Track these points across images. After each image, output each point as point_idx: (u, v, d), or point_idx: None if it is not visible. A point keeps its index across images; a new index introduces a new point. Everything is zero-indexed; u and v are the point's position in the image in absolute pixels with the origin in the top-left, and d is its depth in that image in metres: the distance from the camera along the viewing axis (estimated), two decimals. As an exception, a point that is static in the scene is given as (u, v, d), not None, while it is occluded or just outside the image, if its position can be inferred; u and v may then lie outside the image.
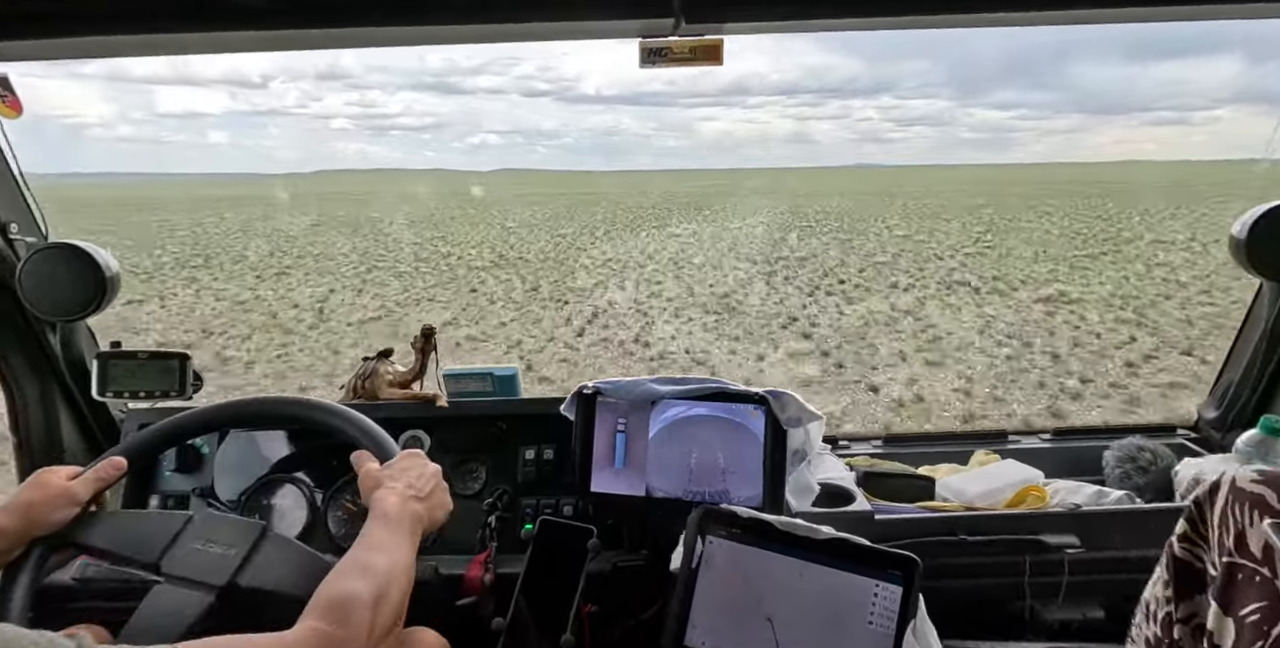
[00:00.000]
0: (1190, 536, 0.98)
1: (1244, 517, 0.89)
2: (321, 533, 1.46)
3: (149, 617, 0.92)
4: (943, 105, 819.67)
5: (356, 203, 32.65)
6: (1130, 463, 1.60)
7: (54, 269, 1.41)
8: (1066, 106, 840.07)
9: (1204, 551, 0.97)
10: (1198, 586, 0.97)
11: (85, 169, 48.28)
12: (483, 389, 1.61)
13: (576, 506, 1.46)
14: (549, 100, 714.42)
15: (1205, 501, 0.97)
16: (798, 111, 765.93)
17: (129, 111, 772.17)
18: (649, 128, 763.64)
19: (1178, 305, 9.46)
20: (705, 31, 1.16)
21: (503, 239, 18.37)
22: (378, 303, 10.76)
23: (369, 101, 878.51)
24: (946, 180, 60.61)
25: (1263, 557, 0.86)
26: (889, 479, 1.56)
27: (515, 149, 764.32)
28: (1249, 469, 0.93)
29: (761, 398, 1.30)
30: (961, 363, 7.24)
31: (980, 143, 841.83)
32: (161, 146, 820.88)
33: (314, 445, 1.53)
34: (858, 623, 1.05)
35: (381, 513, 0.93)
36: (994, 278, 11.64)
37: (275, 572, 0.96)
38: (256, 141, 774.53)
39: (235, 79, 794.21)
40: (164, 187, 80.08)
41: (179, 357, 1.53)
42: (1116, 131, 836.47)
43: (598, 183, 69.67)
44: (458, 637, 1.25)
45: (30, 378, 1.52)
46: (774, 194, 39.43)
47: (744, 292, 10.90)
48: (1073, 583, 1.36)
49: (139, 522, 1.03)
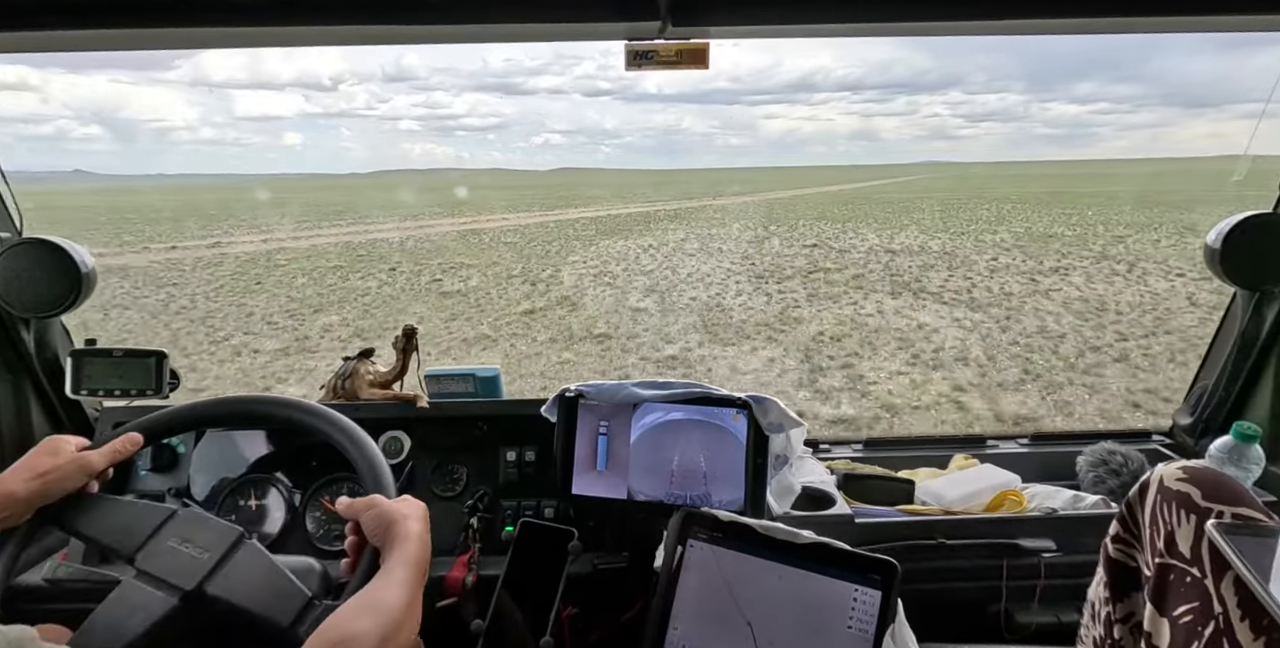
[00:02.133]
0: (1123, 536, 0.99)
1: (1172, 516, 0.90)
2: (300, 533, 1.45)
3: (112, 611, 0.91)
4: (1015, 99, 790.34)
5: (327, 213, 31.37)
6: (1102, 467, 1.63)
7: (28, 265, 1.39)
8: (1151, 100, 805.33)
9: (1137, 551, 0.98)
10: (1133, 585, 0.98)
11: (169, 170, 47.22)
12: (464, 390, 1.60)
13: (557, 508, 1.46)
14: (610, 99, 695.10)
15: (1136, 500, 0.97)
16: (863, 108, 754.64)
17: (210, 115, 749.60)
18: (711, 126, 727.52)
19: None
20: (691, 35, 1.17)
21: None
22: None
23: (434, 103, 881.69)
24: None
25: (1192, 557, 0.87)
26: (869, 482, 1.57)
27: (579, 149, 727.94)
28: (1175, 467, 0.94)
29: (744, 403, 1.30)
30: None
31: (1058, 138, 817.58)
32: (245, 149, 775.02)
33: (293, 446, 1.52)
34: (837, 627, 1.05)
35: (403, 552, 0.87)
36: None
37: (243, 585, 0.94)
38: (333, 143, 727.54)
39: (308, 82, 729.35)
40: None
41: (156, 355, 1.51)
42: (1205, 125, 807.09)
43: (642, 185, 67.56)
44: (437, 640, 1.24)
45: (3, 375, 1.50)
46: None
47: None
48: (1048, 587, 1.37)
49: (124, 510, 1.02)
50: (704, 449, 1.30)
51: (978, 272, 11.84)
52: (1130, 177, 60.58)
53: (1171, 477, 0.92)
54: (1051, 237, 16.51)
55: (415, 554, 0.87)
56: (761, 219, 23.52)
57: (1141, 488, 0.97)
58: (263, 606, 0.92)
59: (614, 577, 1.36)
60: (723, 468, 1.30)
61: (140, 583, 0.93)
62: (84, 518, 1.00)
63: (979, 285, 10.64)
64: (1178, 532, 0.89)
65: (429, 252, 15.81)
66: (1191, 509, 0.88)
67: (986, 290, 10.28)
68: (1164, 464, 0.96)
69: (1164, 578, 0.90)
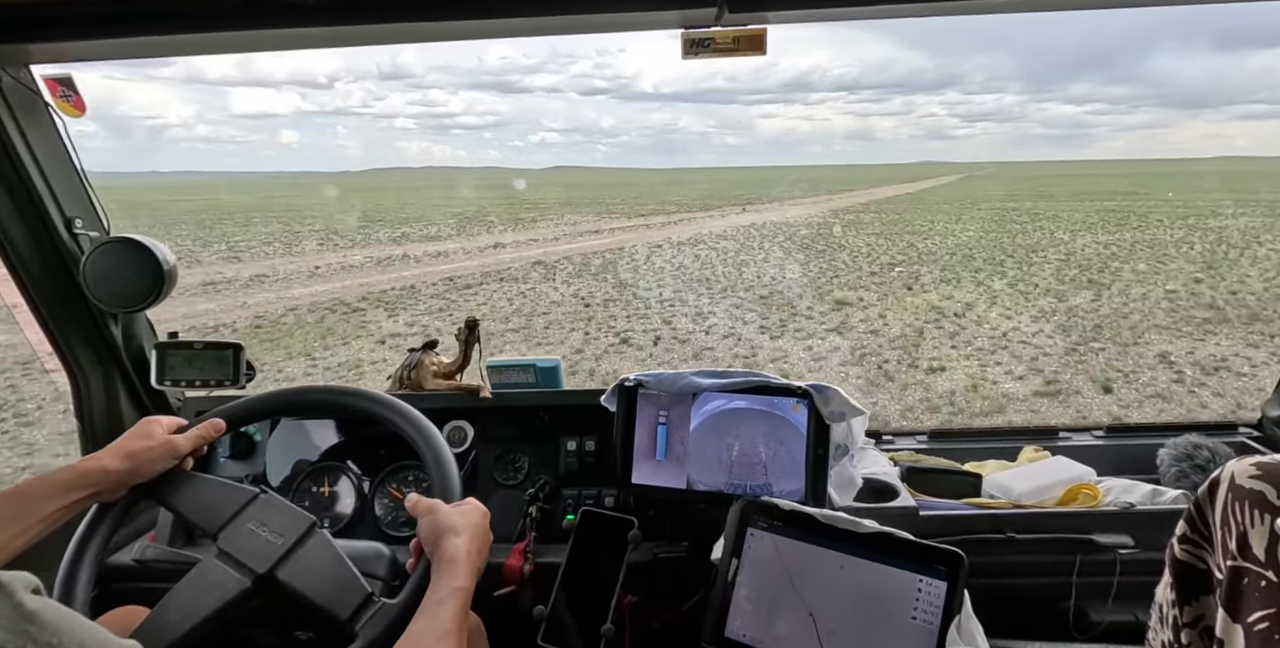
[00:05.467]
0: (1190, 536, 0.94)
1: (1245, 517, 0.84)
2: (369, 519, 1.50)
3: (192, 587, 0.97)
4: (1011, 100, 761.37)
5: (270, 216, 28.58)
6: (1187, 461, 1.55)
7: (116, 262, 1.46)
8: (1146, 100, 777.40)
9: (1207, 552, 0.92)
10: (1202, 588, 0.92)
11: (164, 168, 48.05)
12: (525, 380, 1.63)
13: (617, 497, 1.47)
14: (607, 98, 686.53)
15: (1205, 499, 0.92)
16: (859, 107, 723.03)
17: (206, 112, 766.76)
18: (708, 125, 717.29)
19: None
20: (749, 21, 1.15)
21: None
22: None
23: (430, 101, 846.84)
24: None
25: (1267, 560, 0.82)
26: (934, 475, 1.54)
27: (576, 147, 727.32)
28: (1248, 463, 0.87)
29: (804, 392, 1.29)
30: None
31: (1055, 138, 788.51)
32: (240, 146, 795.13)
33: (362, 435, 1.57)
34: (901, 618, 1.04)
35: (451, 578, 0.90)
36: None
37: (309, 574, 0.99)
38: (329, 141, 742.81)
39: (303, 80, 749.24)
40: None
41: (233, 347, 1.57)
42: (1202, 126, 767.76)
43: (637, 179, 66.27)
44: (497, 626, 1.27)
45: (94, 367, 1.58)
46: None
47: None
48: (1125, 584, 1.32)
49: (213, 489, 1.08)
50: (764, 439, 1.30)
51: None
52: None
53: (1244, 474, 0.87)
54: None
55: (462, 582, 0.90)
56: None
57: (1211, 486, 0.91)
58: (324, 596, 0.96)
59: (674, 566, 1.37)
60: (783, 458, 1.28)
61: (219, 562, 0.99)
62: (177, 494, 1.07)
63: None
64: (1251, 533, 0.84)
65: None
66: (1266, 509, 0.83)
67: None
68: (1235, 460, 0.90)
69: (1237, 582, 0.85)
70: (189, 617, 0.94)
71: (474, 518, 0.99)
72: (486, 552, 0.99)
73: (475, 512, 1.01)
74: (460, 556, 0.92)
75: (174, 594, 0.97)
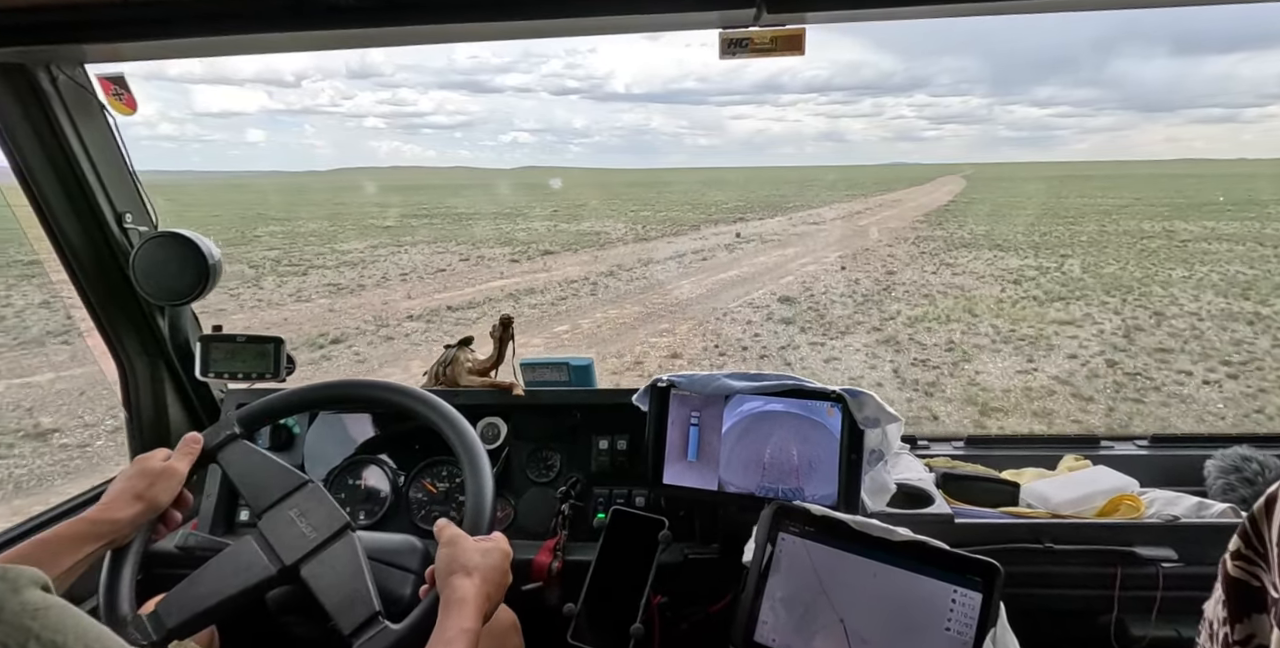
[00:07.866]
0: (1245, 553, 0.91)
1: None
2: (403, 512, 1.52)
3: (224, 564, 1.00)
4: (978, 103, 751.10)
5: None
6: (1235, 474, 1.50)
7: (164, 256, 1.50)
8: (1109, 103, 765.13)
9: (1262, 570, 0.89)
10: (1256, 606, 0.89)
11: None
12: (558, 379, 1.63)
13: (648, 497, 1.47)
14: (578, 98, 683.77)
15: (1261, 514, 0.88)
16: (830, 109, 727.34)
17: (168, 110, 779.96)
18: (680, 126, 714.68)
19: None
20: (787, 21, 1.14)
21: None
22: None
23: (400, 100, 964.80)
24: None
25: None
26: (970, 482, 1.51)
27: (548, 147, 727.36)
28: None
29: (839, 396, 1.27)
30: None
31: (1021, 141, 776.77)
32: (205, 145, 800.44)
33: (397, 430, 1.59)
34: (934, 628, 1.02)
35: (459, 619, 0.88)
36: None
37: (328, 576, 1.00)
38: (296, 140, 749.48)
39: (269, 78, 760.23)
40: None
41: (274, 341, 1.60)
42: (1163, 129, 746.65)
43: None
44: (525, 620, 1.28)
45: (142, 358, 1.63)
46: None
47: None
48: (1168, 598, 1.29)
49: (270, 468, 1.11)
50: (796, 443, 1.29)
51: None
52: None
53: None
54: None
55: (470, 623, 0.88)
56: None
57: (1269, 501, 0.88)
58: (333, 604, 0.98)
59: (704, 568, 1.36)
60: (816, 462, 1.27)
61: (255, 544, 1.02)
62: (237, 463, 1.11)
63: None
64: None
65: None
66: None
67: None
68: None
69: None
70: (214, 593, 0.97)
71: (493, 559, 0.97)
72: (500, 596, 0.97)
73: (496, 551, 0.99)
74: (470, 597, 0.90)
75: (207, 568, 1.00)
